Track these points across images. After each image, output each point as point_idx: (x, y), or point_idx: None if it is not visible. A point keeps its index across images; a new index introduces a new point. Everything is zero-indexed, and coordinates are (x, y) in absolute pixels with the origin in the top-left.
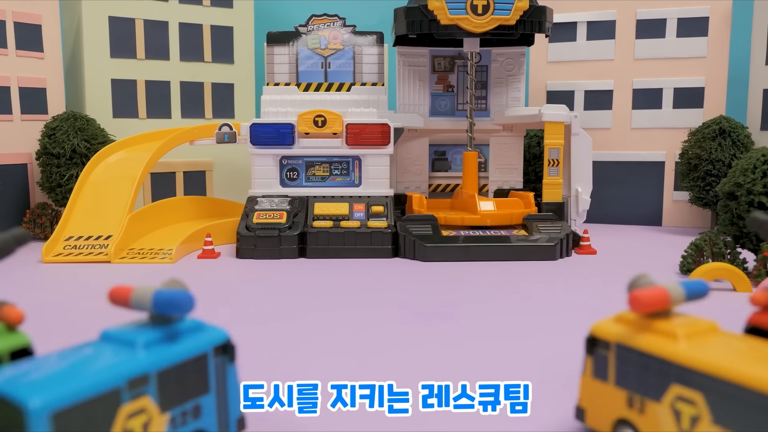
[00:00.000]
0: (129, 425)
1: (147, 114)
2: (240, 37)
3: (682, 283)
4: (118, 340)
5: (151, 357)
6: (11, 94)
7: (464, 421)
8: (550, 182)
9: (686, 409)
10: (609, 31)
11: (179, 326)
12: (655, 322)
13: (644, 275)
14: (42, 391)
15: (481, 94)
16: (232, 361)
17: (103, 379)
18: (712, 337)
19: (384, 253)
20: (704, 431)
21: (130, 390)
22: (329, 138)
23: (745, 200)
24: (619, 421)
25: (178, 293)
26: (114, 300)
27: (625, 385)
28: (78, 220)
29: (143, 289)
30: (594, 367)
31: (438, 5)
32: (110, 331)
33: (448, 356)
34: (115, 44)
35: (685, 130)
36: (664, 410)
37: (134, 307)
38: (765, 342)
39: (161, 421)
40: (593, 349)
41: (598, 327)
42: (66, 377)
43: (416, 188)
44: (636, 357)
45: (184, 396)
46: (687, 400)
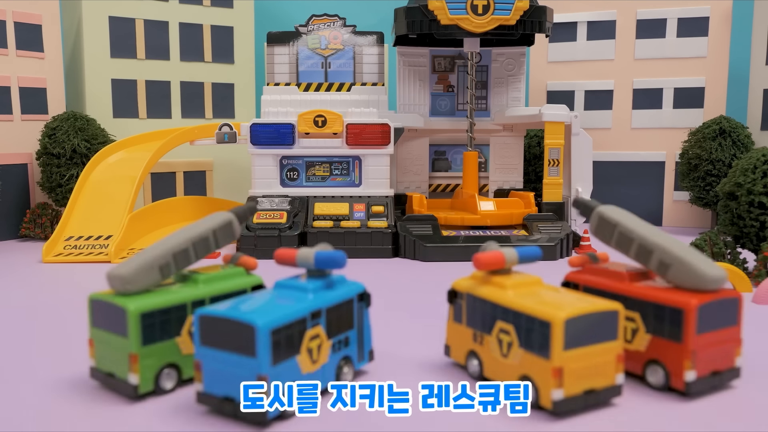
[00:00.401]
0: (310, 345)
1: (147, 114)
2: (240, 37)
3: (518, 248)
4: (292, 287)
5: (320, 299)
6: (11, 94)
7: (464, 421)
8: (550, 182)
9: (505, 338)
10: (609, 31)
11: (330, 279)
12: (494, 277)
13: (491, 243)
14: (263, 316)
15: (482, 94)
16: (368, 305)
17: (297, 311)
18: (532, 288)
19: (384, 253)
20: (515, 353)
21: (311, 320)
22: (329, 138)
23: (745, 200)
24: (469, 352)
25: (336, 253)
26: (280, 260)
27: (472, 324)
28: (78, 220)
29: (305, 250)
30: (453, 313)
31: (438, 5)
32: (282, 281)
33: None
34: (115, 44)
35: (686, 130)
36: (493, 340)
37: (299, 264)
38: (570, 291)
39: (327, 346)
40: (453, 299)
41: (456, 282)
42: (272, 308)
43: (416, 188)
44: (478, 303)
45: (339, 329)
46: (505, 332)
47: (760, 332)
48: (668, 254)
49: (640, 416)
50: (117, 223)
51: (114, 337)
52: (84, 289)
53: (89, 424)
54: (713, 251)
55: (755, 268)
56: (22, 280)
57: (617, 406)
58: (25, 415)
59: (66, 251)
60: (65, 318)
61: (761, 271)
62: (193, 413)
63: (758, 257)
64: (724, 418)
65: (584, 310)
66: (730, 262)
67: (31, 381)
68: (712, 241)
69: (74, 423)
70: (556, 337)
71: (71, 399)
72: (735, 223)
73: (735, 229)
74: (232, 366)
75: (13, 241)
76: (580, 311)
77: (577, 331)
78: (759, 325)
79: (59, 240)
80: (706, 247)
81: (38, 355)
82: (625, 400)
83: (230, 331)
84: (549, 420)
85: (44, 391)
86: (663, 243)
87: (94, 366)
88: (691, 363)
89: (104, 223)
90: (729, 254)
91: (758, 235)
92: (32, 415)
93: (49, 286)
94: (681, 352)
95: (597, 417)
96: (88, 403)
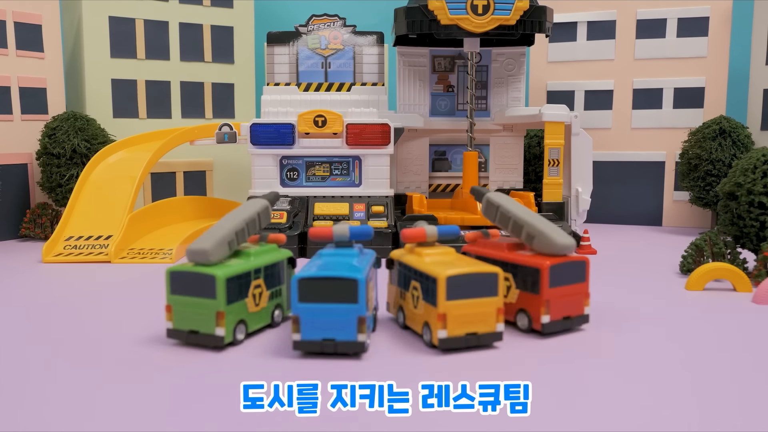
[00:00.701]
0: (369, 295)
1: (147, 114)
2: (240, 37)
3: (439, 227)
4: (341, 254)
5: (363, 260)
6: (11, 94)
7: (464, 421)
8: (550, 182)
9: (415, 293)
10: (609, 31)
11: (356, 248)
12: (417, 248)
13: (420, 222)
14: (356, 272)
15: (482, 94)
16: (379, 266)
17: (364, 268)
18: (444, 256)
19: (384, 253)
20: (420, 305)
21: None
22: (329, 138)
23: (745, 200)
24: (398, 307)
25: (366, 227)
26: (316, 236)
27: (399, 285)
28: (78, 220)
29: (340, 226)
30: (390, 277)
31: (438, 5)
32: (325, 251)
33: (448, 356)
34: (115, 44)
35: (686, 130)
36: (409, 296)
37: (335, 238)
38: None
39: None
40: (390, 266)
41: (392, 252)
42: (354, 268)
43: (416, 188)
44: (403, 267)
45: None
46: (415, 288)
47: (760, 332)
48: (533, 228)
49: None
50: (117, 223)
51: (199, 300)
52: (84, 289)
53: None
54: (713, 251)
55: (755, 268)
56: (22, 280)
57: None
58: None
59: (66, 251)
60: (65, 318)
61: (761, 271)
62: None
63: (758, 257)
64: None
65: (465, 271)
66: (730, 262)
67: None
68: (712, 241)
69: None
70: (440, 290)
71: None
72: (735, 223)
73: (735, 229)
74: (332, 314)
75: (13, 241)
76: (461, 272)
77: (458, 287)
78: (759, 325)
79: (59, 240)
80: (707, 247)
81: (34, 356)
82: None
83: (333, 286)
84: (549, 420)
85: (43, 390)
86: (530, 219)
87: (172, 327)
88: (546, 309)
89: (104, 223)
90: (729, 254)
91: (758, 235)
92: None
93: (49, 286)
94: (538, 301)
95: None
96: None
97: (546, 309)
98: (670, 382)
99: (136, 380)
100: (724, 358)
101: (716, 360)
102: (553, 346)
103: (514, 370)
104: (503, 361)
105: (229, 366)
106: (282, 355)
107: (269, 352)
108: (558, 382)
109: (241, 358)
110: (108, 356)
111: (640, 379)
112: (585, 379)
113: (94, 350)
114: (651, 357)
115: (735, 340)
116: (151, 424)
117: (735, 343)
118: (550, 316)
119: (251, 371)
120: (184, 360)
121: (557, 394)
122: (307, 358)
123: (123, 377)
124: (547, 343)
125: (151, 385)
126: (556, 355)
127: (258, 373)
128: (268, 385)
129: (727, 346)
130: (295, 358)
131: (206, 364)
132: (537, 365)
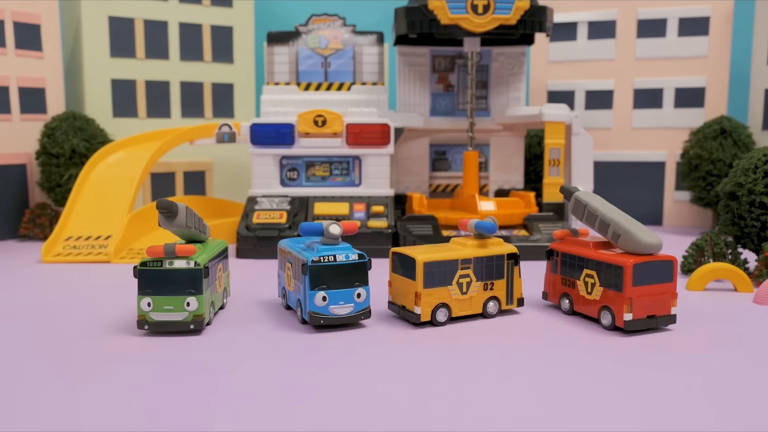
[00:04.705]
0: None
1: (147, 114)
2: (240, 37)
3: (478, 222)
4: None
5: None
6: (10, 94)
7: (465, 421)
8: (550, 182)
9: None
10: (610, 31)
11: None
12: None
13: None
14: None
15: (482, 94)
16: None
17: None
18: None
19: (384, 254)
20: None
21: None
22: (329, 138)
23: (746, 200)
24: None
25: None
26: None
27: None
28: (77, 220)
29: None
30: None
31: (438, 5)
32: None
33: (448, 356)
34: (115, 44)
35: (686, 130)
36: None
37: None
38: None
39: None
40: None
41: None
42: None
43: (416, 188)
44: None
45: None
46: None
47: (761, 332)
48: (619, 226)
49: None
50: (116, 223)
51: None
52: (84, 289)
53: None
54: (714, 251)
55: (756, 268)
56: (22, 280)
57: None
58: None
59: (65, 251)
60: (65, 318)
61: (762, 271)
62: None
63: (759, 257)
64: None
65: (437, 258)
66: (731, 262)
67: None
68: (713, 241)
69: None
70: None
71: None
72: (736, 223)
73: (736, 229)
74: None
75: (12, 241)
76: (433, 258)
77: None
78: (759, 324)
79: (58, 240)
80: (707, 247)
81: (35, 356)
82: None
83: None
84: (549, 420)
85: (42, 390)
86: (616, 218)
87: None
88: (628, 307)
89: (104, 223)
90: (730, 254)
91: (759, 235)
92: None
93: (49, 286)
94: (621, 299)
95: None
96: None
97: (629, 307)
98: (670, 382)
99: (136, 380)
100: (724, 357)
101: (716, 360)
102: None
103: (513, 370)
104: (503, 360)
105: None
106: (282, 354)
107: (269, 352)
108: (558, 381)
109: (240, 357)
110: (108, 356)
111: (640, 378)
112: (584, 380)
113: (94, 350)
114: (651, 357)
115: (735, 340)
116: (151, 424)
117: (735, 343)
118: (633, 314)
119: (251, 371)
120: (185, 359)
121: (557, 392)
122: (307, 358)
123: (123, 377)
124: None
125: (151, 385)
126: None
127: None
128: None
129: (727, 346)
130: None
131: (206, 364)
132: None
